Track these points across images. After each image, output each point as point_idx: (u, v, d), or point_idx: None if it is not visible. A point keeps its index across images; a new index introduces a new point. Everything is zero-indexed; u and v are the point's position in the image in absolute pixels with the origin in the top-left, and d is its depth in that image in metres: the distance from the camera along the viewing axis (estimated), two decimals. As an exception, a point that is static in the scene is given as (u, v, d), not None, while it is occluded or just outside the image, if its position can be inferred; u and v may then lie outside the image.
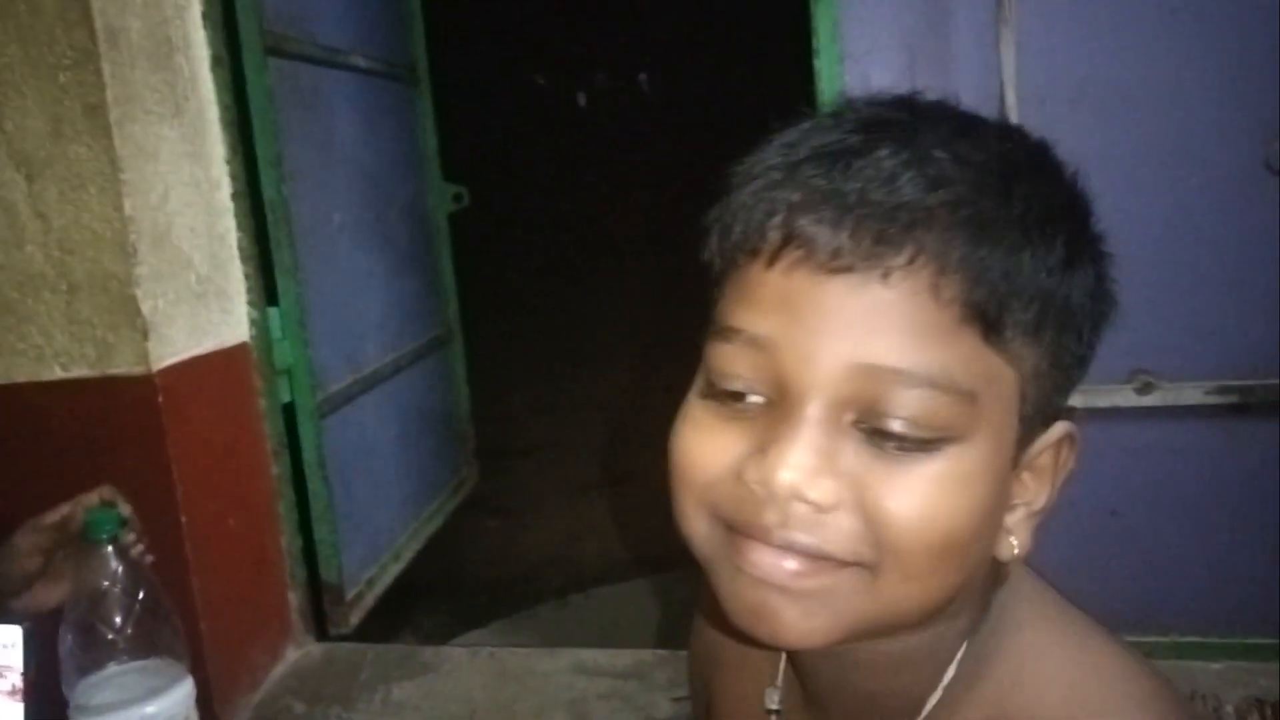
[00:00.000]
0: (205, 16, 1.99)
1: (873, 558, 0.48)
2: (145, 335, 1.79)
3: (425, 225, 3.10)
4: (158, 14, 1.88)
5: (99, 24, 1.72)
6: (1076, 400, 0.54)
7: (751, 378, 0.49)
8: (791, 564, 0.49)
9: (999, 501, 0.51)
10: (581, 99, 6.28)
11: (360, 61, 2.68)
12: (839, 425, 0.48)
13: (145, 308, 1.79)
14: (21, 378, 1.82)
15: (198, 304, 1.94)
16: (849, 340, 0.46)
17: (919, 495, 0.47)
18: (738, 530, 0.50)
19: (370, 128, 2.73)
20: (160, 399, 1.81)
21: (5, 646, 1.94)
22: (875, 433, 0.47)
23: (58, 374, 1.82)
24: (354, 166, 2.62)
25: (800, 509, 0.47)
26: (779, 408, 0.48)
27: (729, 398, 0.50)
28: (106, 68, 1.73)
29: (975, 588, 0.54)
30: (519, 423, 4.37)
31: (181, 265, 1.90)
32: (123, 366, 1.80)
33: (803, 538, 0.48)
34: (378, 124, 2.78)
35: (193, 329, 1.92)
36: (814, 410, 0.47)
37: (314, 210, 2.34)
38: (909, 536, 0.47)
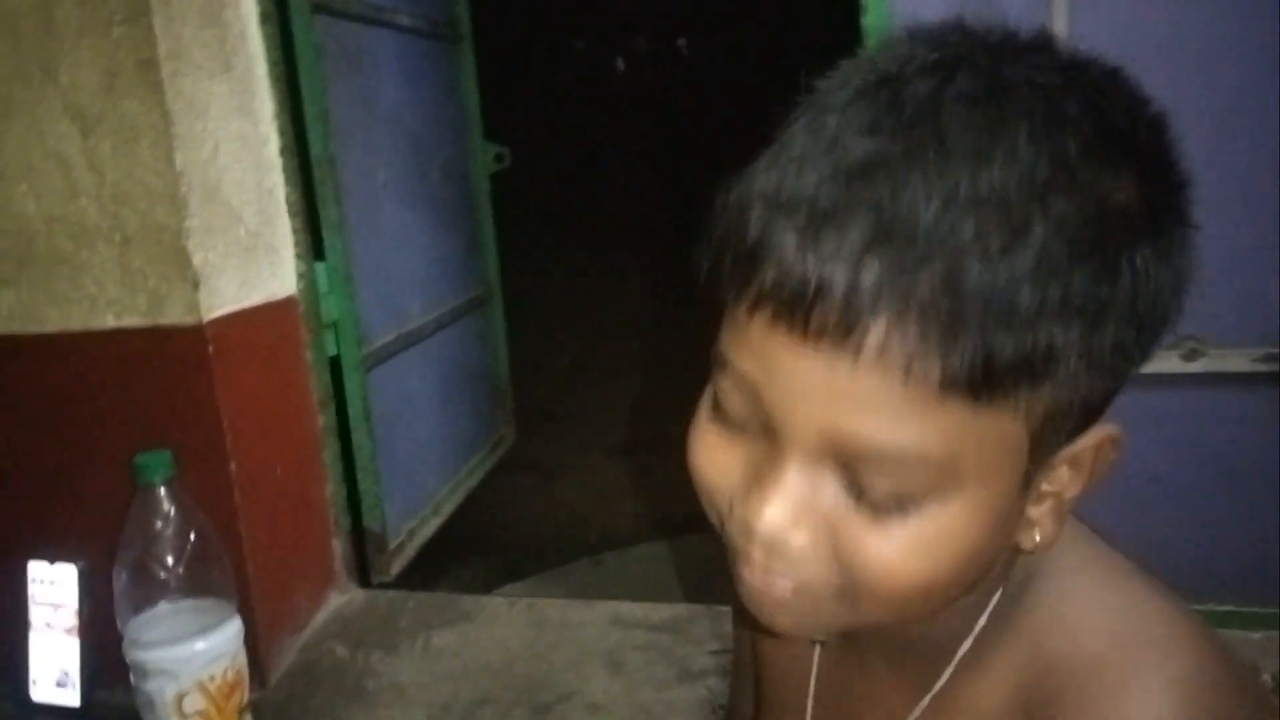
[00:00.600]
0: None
1: (852, 593, 0.49)
2: (196, 286, 1.83)
3: (467, 184, 3.12)
4: None
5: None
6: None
7: (744, 411, 0.50)
8: (778, 588, 0.51)
9: (1001, 526, 0.50)
10: (620, 64, 6.24)
11: (404, 20, 2.69)
12: (820, 470, 0.48)
13: (196, 260, 1.83)
14: (76, 326, 1.87)
15: (247, 257, 1.97)
16: (823, 409, 0.46)
17: (894, 551, 0.47)
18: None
19: (414, 86, 2.75)
20: (210, 349, 1.85)
21: (61, 584, 2.00)
22: (854, 484, 0.47)
23: (110, 323, 1.86)
24: (398, 124, 2.64)
25: (781, 550, 0.49)
26: (769, 441, 0.49)
27: (730, 418, 0.51)
28: (158, 23, 1.75)
29: (995, 568, 0.54)
30: (555, 384, 4.40)
31: (231, 219, 1.94)
32: (174, 317, 1.84)
33: (781, 576, 0.50)
34: (421, 82, 2.80)
35: (242, 281, 1.95)
36: (794, 459, 0.48)
37: (359, 167, 2.37)
38: (883, 586, 0.48)
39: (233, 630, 1.65)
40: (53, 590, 2.04)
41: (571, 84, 6.10)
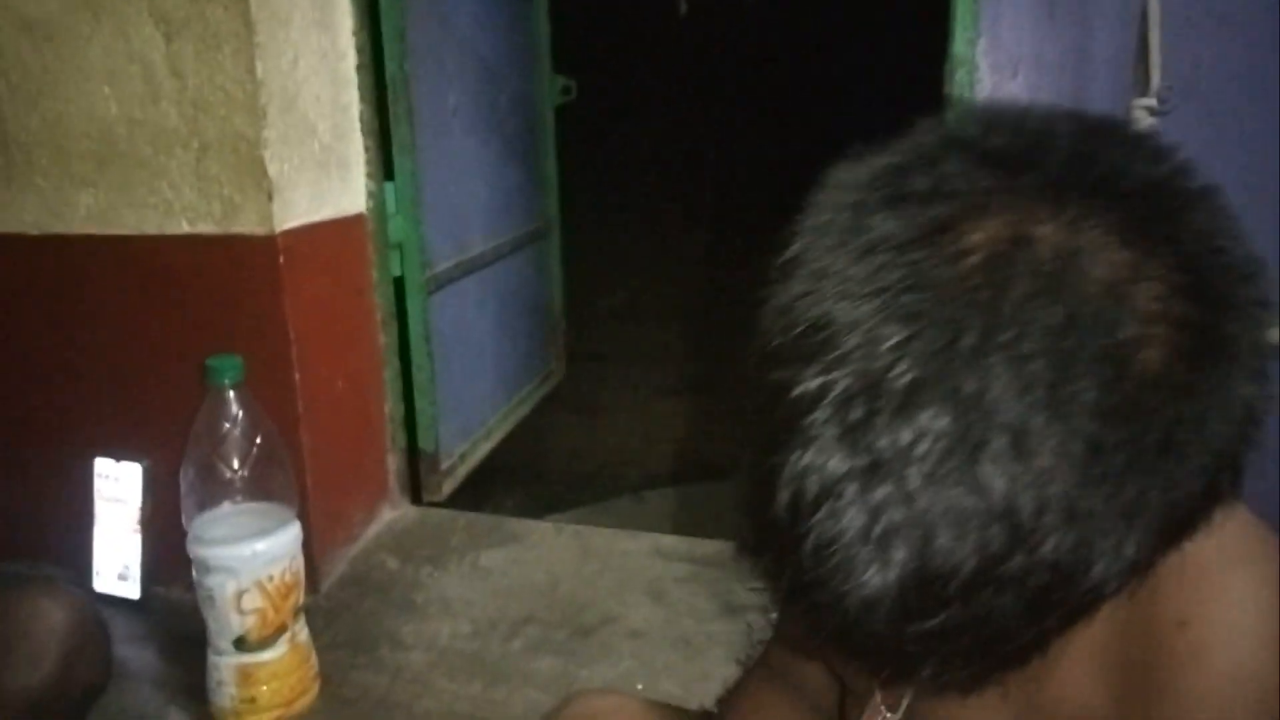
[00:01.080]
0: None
1: None
2: (270, 197, 1.85)
3: (534, 115, 3.11)
4: None
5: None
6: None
7: None
8: None
9: None
10: (683, 6, 6.15)
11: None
12: None
13: (271, 170, 1.85)
14: (150, 230, 1.90)
15: (320, 171, 1.99)
16: None
17: None
18: None
19: (487, 13, 2.73)
20: (281, 260, 1.87)
21: (126, 481, 2.06)
22: None
23: (184, 229, 1.89)
24: (471, 50, 2.63)
25: None
26: None
27: None
28: (245, -70, 1.76)
29: None
30: (606, 323, 4.42)
31: (307, 132, 1.95)
32: (247, 226, 1.87)
33: None
34: (494, 9, 2.78)
35: (314, 195, 1.97)
36: None
37: (431, 90, 2.37)
38: None
39: (292, 534, 1.71)
40: (118, 486, 2.11)
41: (636, 20, 6.02)
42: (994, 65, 1.76)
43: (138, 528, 2.02)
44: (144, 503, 2.01)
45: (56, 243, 1.95)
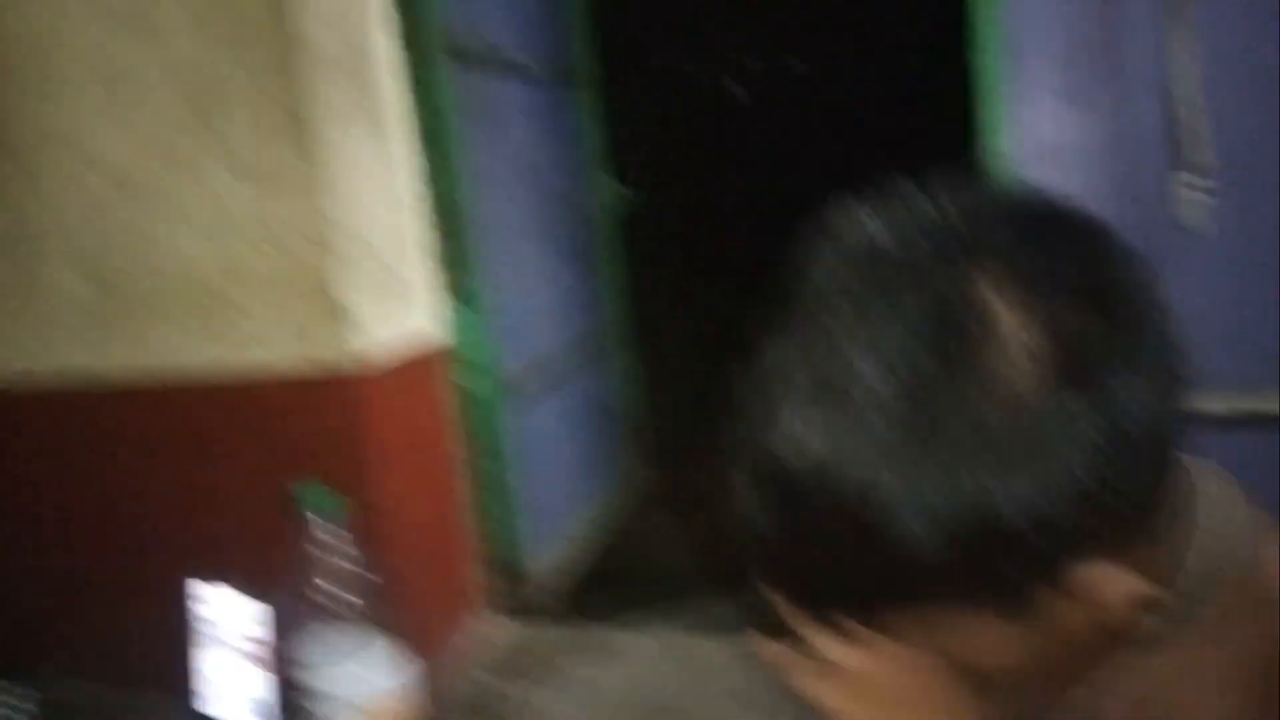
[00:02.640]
0: (390, 28, 2.12)
1: None
2: (343, 325, 1.92)
3: (595, 224, 3.18)
4: (349, 27, 2.02)
5: (297, 36, 1.86)
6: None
7: None
8: None
9: None
10: (733, 86, 6.17)
11: (530, 66, 2.79)
12: None
13: (343, 300, 1.92)
14: (231, 361, 1.99)
15: (390, 298, 2.06)
16: None
17: None
18: None
19: (541, 129, 2.84)
20: (357, 385, 1.93)
21: (219, 603, 2.09)
22: None
23: (263, 358, 1.97)
24: (528, 168, 2.72)
25: None
26: None
27: None
28: (306, 77, 1.87)
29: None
30: (685, 422, 4.40)
31: (375, 261, 2.03)
32: (322, 353, 1.94)
33: None
34: (548, 125, 2.89)
35: (387, 321, 2.03)
36: None
37: (494, 211, 2.45)
38: None
39: (387, 655, 1.70)
40: (210, 609, 2.15)
41: (690, 113, 6.09)
42: (1021, 153, 1.75)
43: (270, 665, 2.04)
44: (237, 625, 2.03)
45: (144, 377, 2.05)
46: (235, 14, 1.87)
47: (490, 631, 2.25)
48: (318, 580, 1.74)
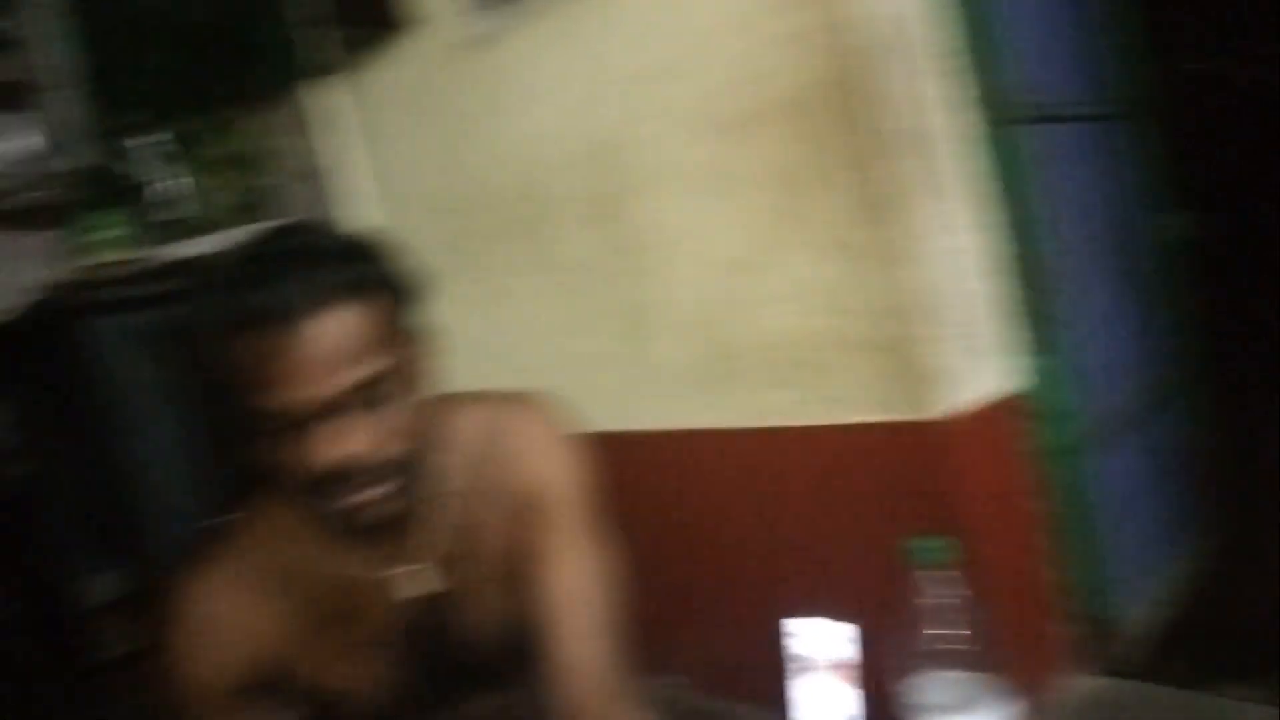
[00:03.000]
0: (950, 104, 2.22)
1: None
2: (931, 387, 2.06)
3: (1165, 259, 3.01)
4: (914, 111, 2.14)
5: (869, 129, 2.05)
6: None
7: None
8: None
9: None
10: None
11: (1084, 104, 2.73)
12: None
13: (930, 363, 2.07)
14: (836, 421, 2.22)
15: (974, 358, 2.17)
16: None
17: None
18: None
19: (1098, 165, 2.77)
20: (947, 443, 2.06)
21: (846, 640, 2.33)
22: None
23: (862, 418, 2.17)
24: (1090, 207, 2.68)
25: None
26: None
27: None
28: (878, 163, 2.05)
29: None
30: (1272, 467, 3.90)
31: (955, 322, 2.15)
32: (913, 413, 2.09)
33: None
34: (1104, 160, 2.81)
35: (971, 380, 2.15)
36: None
37: (1063, 259, 2.45)
38: None
39: (1009, 711, 1.78)
40: (809, 644, 2.39)
41: (1256, 127, 5.41)
42: None
43: (856, 683, 2.26)
44: (846, 652, 2.24)
45: (760, 434, 2.37)
46: (814, 118, 2.12)
47: (1080, 689, 2.24)
48: (929, 625, 1.88)
